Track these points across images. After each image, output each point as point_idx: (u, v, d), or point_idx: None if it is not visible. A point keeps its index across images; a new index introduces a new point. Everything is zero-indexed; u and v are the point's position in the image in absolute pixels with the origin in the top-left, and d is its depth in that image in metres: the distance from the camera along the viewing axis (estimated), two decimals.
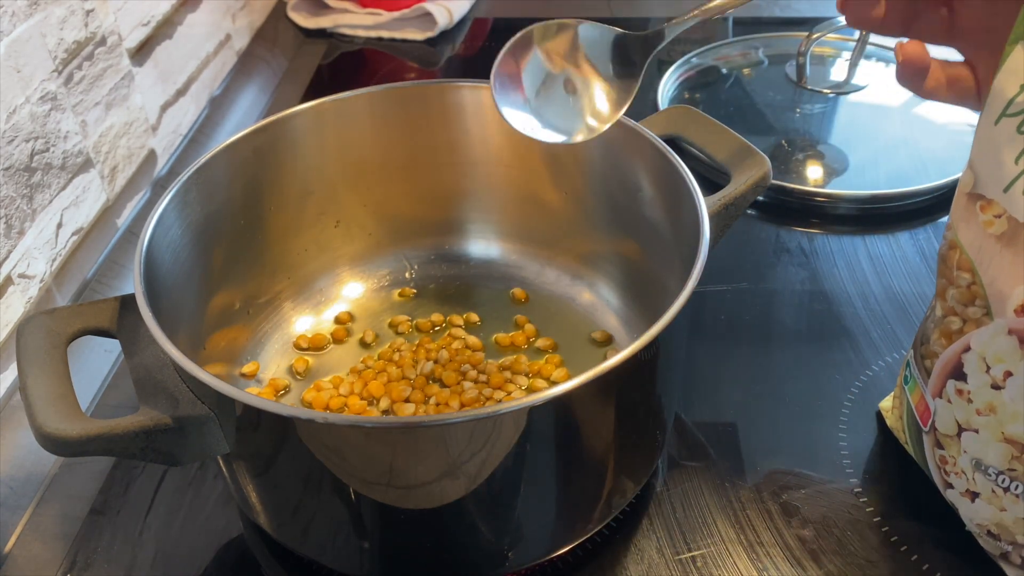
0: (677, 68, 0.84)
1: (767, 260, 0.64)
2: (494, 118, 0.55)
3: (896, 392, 0.49)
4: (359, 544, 0.42)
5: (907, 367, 0.46)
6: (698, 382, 0.55)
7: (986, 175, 0.37)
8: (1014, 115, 0.35)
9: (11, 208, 0.54)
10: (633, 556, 0.45)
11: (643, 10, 0.98)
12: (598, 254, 0.57)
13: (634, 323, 0.55)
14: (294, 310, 0.57)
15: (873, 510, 0.47)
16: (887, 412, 0.50)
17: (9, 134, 0.54)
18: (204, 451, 0.39)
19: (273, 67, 0.91)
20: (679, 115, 0.54)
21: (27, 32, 0.56)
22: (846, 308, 0.59)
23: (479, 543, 0.42)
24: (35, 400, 0.38)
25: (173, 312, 0.44)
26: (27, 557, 0.47)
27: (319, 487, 0.39)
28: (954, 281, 0.39)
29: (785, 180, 0.69)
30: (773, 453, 0.50)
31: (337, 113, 0.54)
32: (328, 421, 0.35)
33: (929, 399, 0.42)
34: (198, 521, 0.48)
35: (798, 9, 0.98)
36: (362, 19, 0.96)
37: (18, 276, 0.55)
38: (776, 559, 0.45)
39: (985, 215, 0.37)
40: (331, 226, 0.57)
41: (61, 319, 0.43)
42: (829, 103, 0.79)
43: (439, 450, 0.36)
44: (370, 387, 0.52)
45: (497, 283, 0.59)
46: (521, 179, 0.57)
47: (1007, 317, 0.36)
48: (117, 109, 0.67)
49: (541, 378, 0.52)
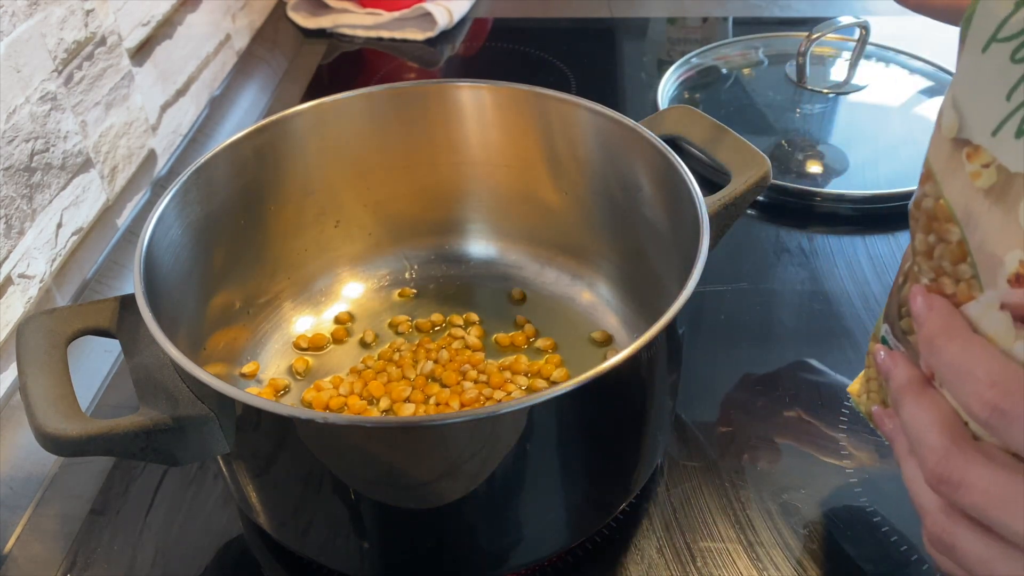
0: (677, 68, 0.84)
1: (767, 260, 0.64)
2: (494, 118, 0.56)
3: (867, 374, 0.42)
4: (359, 544, 0.42)
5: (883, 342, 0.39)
6: (698, 382, 0.55)
7: (972, 116, 0.31)
8: (1006, 39, 0.29)
9: (11, 208, 0.54)
10: (633, 556, 0.45)
11: (643, 10, 0.98)
12: (598, 254, 0.57)
13: (634, 323, 0.55)
14: (294, 310, 0.57)
15: (873, 510, 0.47)
16: (858, 397, 0.43)
17: (9, 134, 0.54)
18: (204, 451, 0.39)
19: (273, 67, 0.91)
20: (679, 115, 0.54)
21: (27, 32, 0.56)
22: (846, 308, 0.59)
23: (479, 543, 0.42)
24: (35, 400, 0.38)
25: (173, 312, 0.44)
26: (27, 557, 0.47)
27: (319, 487, 0.39)
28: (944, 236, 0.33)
29: (785, 180, 0.69)
30: (773, 453, 0.50)
31: (337, 113, 0.54)
32: (328, 421, 0.35)
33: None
34: (198, 521, 0.48)
35: (798, 9, 0.98)
36: (362, 19, 0.96)
37: (18, 276, 0.55)
38: (776, 559, 0.45)
39: (972, 164, 0.31)
40: (331, 226, 0.57)
41: (61, 319, 0.43)
42: (829, 103, 0.78)
43: (439, 450, 0.36)
44: (370, 387, 0.52)
45: (497, 283, 0.59)
46: (521, 179, 0.57)
47: (999, 289, 0.31)
48: (117, 109, 0.67)
49: (541, 378, 0.52)
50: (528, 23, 0.97)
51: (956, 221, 0.32)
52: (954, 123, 0.32)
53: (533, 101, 0.54)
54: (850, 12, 0.78)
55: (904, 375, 0.34)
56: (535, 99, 0.54)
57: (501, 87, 0.54)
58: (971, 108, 0.31)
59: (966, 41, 0.31)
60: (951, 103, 0.32)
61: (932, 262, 0.34)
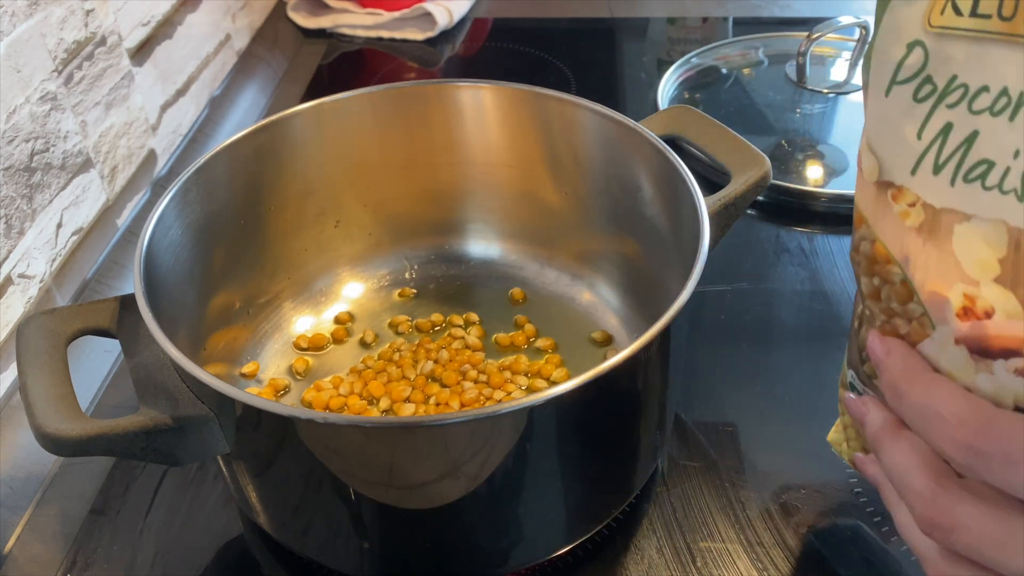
0: (677, 68, 0.84)
1: (767, 260, 0.64)
2: (494, 118, 0.56)
3: (844, 421, 0.41)
4: (359, 544, 0.42)
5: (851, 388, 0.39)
6: (698, 382, 0.55)
7: (889, 157, 0.31)
8: (906, 81, 0.29)
9: (11, 208, 0.54)
10: (633, 556, 0.45)
11: (643, 10, 0.98)
12: (598, 254, 0.57)
13: (634, 323, 0.55)
14: (294, 310, 0.57)
15: (873, 510, 0.47)
16: (838, 446, 0.42)
17: (9, 134, 0.54)
18: (204, 451, 0.39)
19: (273, 67, 0.91)
20: (679, 115, 0.54)
21: (27, 32, 0.56)
22: (846, 308, 0.59)
23: (479, 543, 0.42)
24: (35, 400, 0.38)
25: (173, 312, 0.44)
26: (27, 557, 0.47)
27: (319, 487, 0.39)
28: (887, 277, 0.33)
29: (785, 180, 0.69)
30: (773, 453, 0.50)
31: (337, 113, 0.54)
32: (328, 421, 0.35)
33: None
34: (198, 521, 0.48)
35: (798, 9, 0.98)
36: (362, 19, 0.96)
37: (18, 276, 0.55)
38: (776, 559, 0.45)
39: (899, 205, 0.31)
40: (331, 226, 0.57)
41: (61, 319, 0.43)
42: (829, 103, 0.79)
43: (439, 450, 0.36)
44: (370, 387, 0.52)
45: (497, 283, 0.59)
46: (521, 179, 0.57)
47: (950, 324, 0.30)
48: (117, 109, 0.67)
49: (541, 378, 0.52)
50: (528, 23, 0.97)
51: (895, 262, 0.32)
52: (874, 166, 0.32)
53: (533, 101, 0.54)
54: (850, 12, 0.78)
55: (877, 420, 0.33)
56: (535, 99, 0.54)
57: (501, 87, 0.54)
58: (887, 150, 0.31)
59: (868, 86, 0.31)
60: (867, 147, 0.32)
61: (881, 304, 0.33)
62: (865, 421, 0.34)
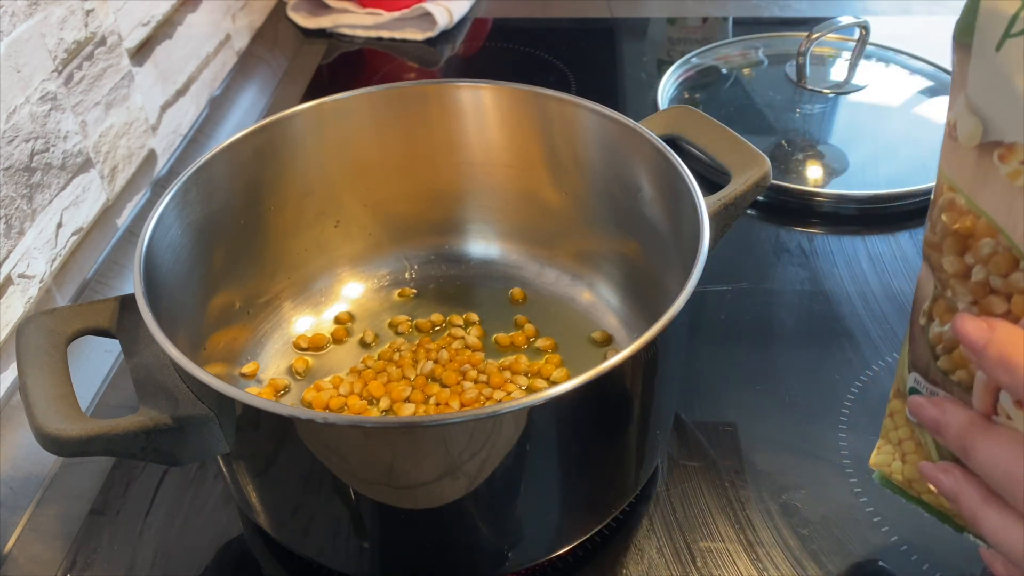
0: (677, 68, 0.84)
1: (767, 260, 0.64)
2: (494, 118, 0.56)
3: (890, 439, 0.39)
4: (359, 544, 0.42)
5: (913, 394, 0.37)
6: (698, 382, 0.55)
7: (998, 116, 0.30)
8: (1021, 33, 0.28)
9: (11, 208, 0.54)
10: (633, 556, 0.45)
11: (643, 10, 0.98)
12: (598, 254, 0.57)
13: (634, 323, 0.55)
14: (294, 310, 0.57)
15: (873, 510, 0.47)
16: (887, 467, 0.40)
17: (9, 134, 0.54)
18: (204, 451, 0.39)
19: (273, 67, 0.91)
20: (679, 115, 0.54)
21: (27, 32, 0.56)
22: (846, 308, 0.59)
23: (479, 543, 0.42)
24: (35, 400, 0.38)
25: (173, 312, 0.44)
26: (27, 557, 0.47)
27: (319, 487, 0.39)
28: (984, 252, 0.31)
29: (785, 180, 0.69)
30: (773, 453, 0.50)
31: (337, 113, 0.54)
32: (328, 421, 0.35)
33: None
34: (198, 521, 0.48)
35: (798, 9, 0.98)
36: (362, 19, 0.96)
37: (18, 276, 0.55)
38: (776, 559, 0.45)
39: (1008, 165, 0.30)
40: (331, 226, 0.57)
41: (61, 319, 0.43)
42: (829, 103, 0.79)
43: (439, 450, 0.36)
44: (370, 387, 0.52)
45: (497, 283, 0.59)
46: (521, 179, 0.57)
47: None
48: (117, 109, 0.67)
49: (541, 378, 0.52)
50: (528, 23, 0.97)
51: (1000, 230, 0.31)
52: (976, 129, 0.31)
53: (533, 101, 0.54)
54: (850, 12, 0.78)
55: (962, 418, 0.31)
56: (535, 99, 0.54)
57: (501, 87, 0.54)
58: (995, 109, 0.30)
59: (974, 47, 0.30)
60: (967, 111, 0.31)
61: (970, 283, 0.32)
62: (945, 423, 0.32)
